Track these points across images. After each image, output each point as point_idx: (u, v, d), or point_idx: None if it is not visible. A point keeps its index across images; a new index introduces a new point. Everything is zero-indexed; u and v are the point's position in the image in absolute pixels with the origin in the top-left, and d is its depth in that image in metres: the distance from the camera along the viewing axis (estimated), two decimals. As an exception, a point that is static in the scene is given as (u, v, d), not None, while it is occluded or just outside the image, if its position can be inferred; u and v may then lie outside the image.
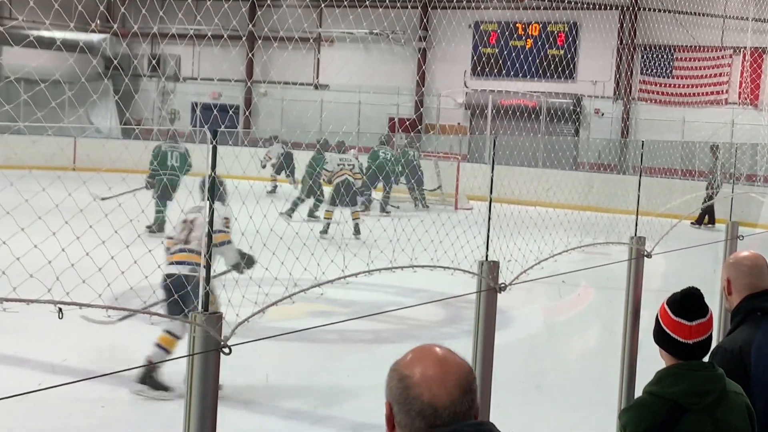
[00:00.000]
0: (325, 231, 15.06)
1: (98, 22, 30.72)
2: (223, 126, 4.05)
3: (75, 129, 26.16)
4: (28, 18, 6.74)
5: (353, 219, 15.48)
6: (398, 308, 9.80)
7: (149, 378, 7.10)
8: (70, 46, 26.63)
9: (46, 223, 3.97)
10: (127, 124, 27.59)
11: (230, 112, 29.38)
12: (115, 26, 30.50)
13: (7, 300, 3.66)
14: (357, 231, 14.88)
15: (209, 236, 3.53)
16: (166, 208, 14.13)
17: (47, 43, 12.07)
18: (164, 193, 15.03)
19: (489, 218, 4.63)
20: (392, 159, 21.14)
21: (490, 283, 4.56)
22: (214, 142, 4.24)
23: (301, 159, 19.38)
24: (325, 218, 15.79)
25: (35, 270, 3.73)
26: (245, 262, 7.08)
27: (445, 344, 2.15)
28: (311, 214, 17.27)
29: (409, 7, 27.96)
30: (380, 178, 20.67)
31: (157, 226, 14.26)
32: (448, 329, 10.22)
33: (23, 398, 4.30)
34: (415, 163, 21.89)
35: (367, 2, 9.73)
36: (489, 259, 4.65)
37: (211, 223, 3.63)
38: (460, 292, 5.50)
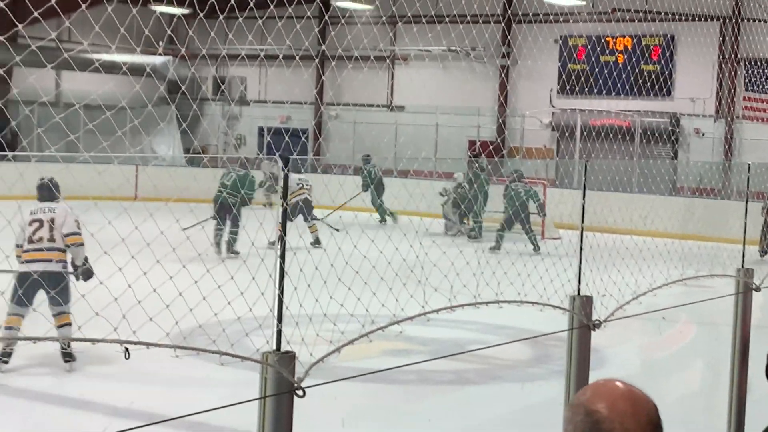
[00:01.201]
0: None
1: (161, 44, 31.41)
2: (295, 153, 4.10)
3: (137, 157, 26.71)
4: (89, 42, 6.92)
5: (311, 232, 17.60)
6: (482, 347, 9.76)
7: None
8: (132, 70, 27.10)
9: (112, 258, 4.07)
10: (192, 151, 28.04)
11: (301, 137, 29.74)
12: (182, 49, 31.10)
13: (73, 339, 3.76)
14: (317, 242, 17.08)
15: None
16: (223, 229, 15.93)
17: (108, 68, 12.34)
18: (219, 212, 16.56)
19: (581, 249, 4.61)
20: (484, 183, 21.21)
21: (583, 319, 4.53)
22: (286, 171, 4.31)
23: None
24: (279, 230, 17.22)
25: (101, 308, 3.82)
26: (83, 272, 8.50)
27: (534, 386, 2.17)
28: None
29: (491, 22, 28.00)
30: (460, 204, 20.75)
31: (225, 246, 15.82)
32: (537, 370, 10.14)
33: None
34: (486, 188, 21.87)
35: (446, 18, 9.75)
36: (581, 293, 4.62)
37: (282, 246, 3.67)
38: (549, 330, 5.45)
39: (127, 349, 3.85)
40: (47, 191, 9.29)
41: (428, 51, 30.76)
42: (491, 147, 27.06)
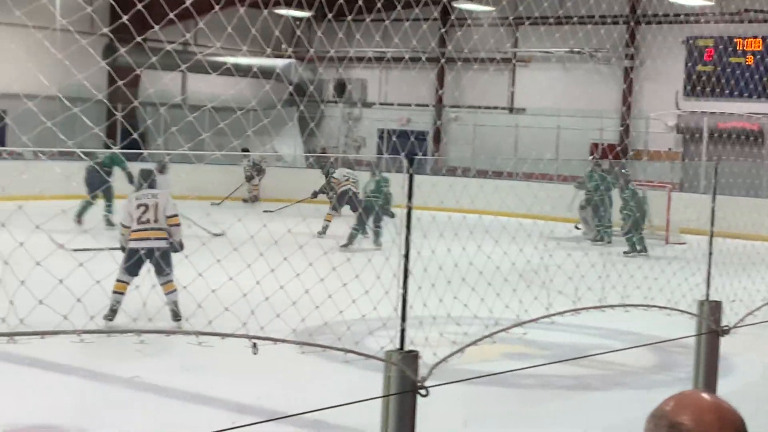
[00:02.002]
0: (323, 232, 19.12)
1: (283, 47, 31.89)
2: (421, 153, 4.13)
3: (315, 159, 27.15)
4: (212, 45, 7.09)
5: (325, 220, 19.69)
6: (604, 352, 9.62)
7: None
8: (254, 73, 27.55)
9: (241, 255, 4.17)
10: (313, 152, 28.39)
11: (425, 139, 29.83)
12: (310, 51, 31.56)
13: (203, 333, 3.88)
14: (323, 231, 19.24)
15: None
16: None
17: (231, 70, 12.62)
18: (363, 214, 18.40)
19: (710, 253, 4.53)
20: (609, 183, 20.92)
21: (712, 325, 4.46)
22: (410, 171, 4.36)
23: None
24: (326, 220, 19.82)
25: (230, 303, 3.92)
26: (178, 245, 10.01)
27: (659, 393, 2.15)
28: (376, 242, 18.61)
29: (611, 22, 27.63)
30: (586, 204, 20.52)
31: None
32: (660, 376, 9.96)
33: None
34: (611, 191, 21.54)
35: (570, 19, 9.65)
36: (710, 298, 4.55)
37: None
38: (673, 336, 5.35)
39: (255, 344, 3.95)
40: (149, 180, 10.86)
41: (550, 52, 30.49)
42: (618, 149, 26.63)
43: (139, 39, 3.99)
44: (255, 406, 7.59)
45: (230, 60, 14.45)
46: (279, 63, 29.39)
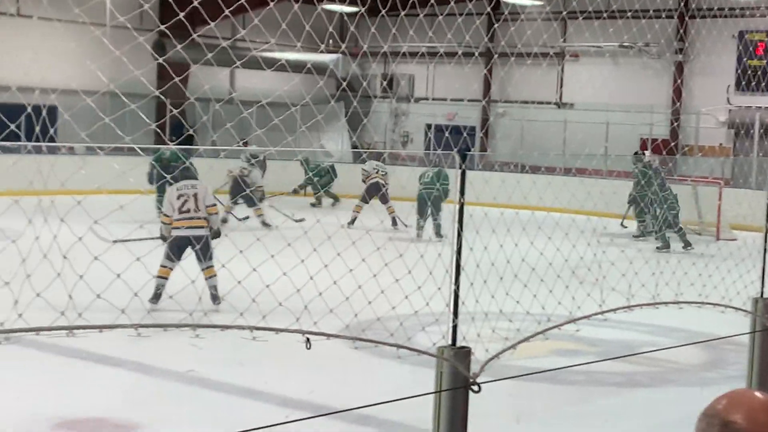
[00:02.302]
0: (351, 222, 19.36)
1: (330, 42, 31.96)
2: (473, 149, 4.14)
3: (306, 154, 27.24)
4: (260, 40, 7.12)
5: (389, 214, 20.07)
6: (654, 349, 9.56)
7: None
8: (301, 68, 27.67)
9: (295, 250, 4.21)
10: (358, 147, 28.45)
11: (471, 134, 29.69)
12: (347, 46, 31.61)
13: (257, 328, 3.92)
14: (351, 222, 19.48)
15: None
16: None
17: (278, 65, 12.67)
18: (422, 207, 18.85)
19: (765, 250, 4.49)
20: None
21: (766, 322, 4.42)
22: (463, 166, 4.37)
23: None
24: (354, 212, 20.15)
25: (284, 298, 3.95)
26: (215, 233, 10.94)
27: (710, 391, 2.14)
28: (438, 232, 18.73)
29: (664, 16, 27.37)
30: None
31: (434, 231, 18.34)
32: (711, 374, 9.88)
33: (281, 429, 4.54)
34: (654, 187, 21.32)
35: (621, 13, 9.58)
36: (765, 296, 4.51)
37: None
38: (726, 333, 5.31)
39: (308, 339, 3.99)
40: (189, 171, 11.70)
41: (598, 46, 30.28)
42: (673, 145, 26.38)
43: (195, 36, 4.04)
44: (306, 401, 7.64)
45: (279, 55, 14.50)
46: (327, 58, 29.47)
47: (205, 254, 10.75)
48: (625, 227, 21.10)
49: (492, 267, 4.61)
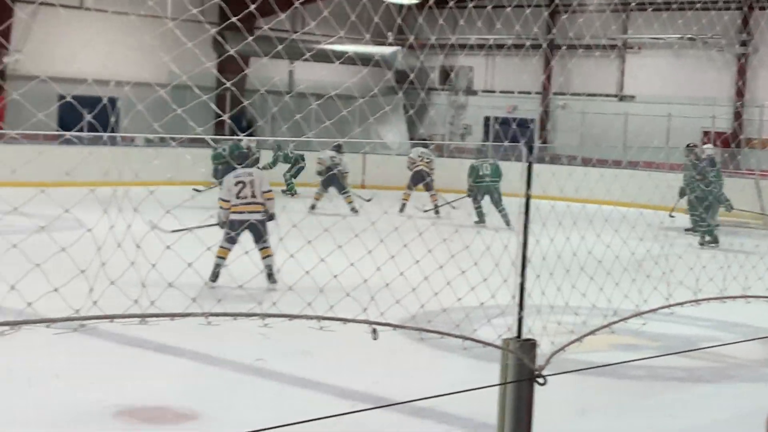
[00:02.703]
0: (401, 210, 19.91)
1: (390, 34, 31.96)
2: (537, 142, 4.16)
3: (363, 144, 27.34)
4: (321, 32, 7.17)
5: (432, 202, 20.58)
6: (716, 344, 9.47)
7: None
8: (362, 60, 27.82)
9: (362, 241, 4.24)
10: (419, 139, 28.42)
11: (528, 127, 29.61)
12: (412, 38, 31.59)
13: (325, 318, 3.97)
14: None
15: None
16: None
17: (339, 57, 12.72)
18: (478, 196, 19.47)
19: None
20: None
21: (838, 318, 4.38)
22: (530, 160, 4.38)
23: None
24: (403, 200, 20.68)
25: (351, 289, 4.00)
26: (270, 217, 11.77)
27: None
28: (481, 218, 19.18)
29: (728, 8, 27.03)
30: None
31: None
32: (774, 371, 9.77)
33: (326, 422, 4.59)
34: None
35: (681, 4, 9.47)
36: (836, 291, 4.46)
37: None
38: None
39: (375, 329, 4.02)
40: (246, 159, 12.63)
41: (661, 39, 29.97)
42: (736, 139, 26.03)
43: (267, 28, 4.07)
44: (370, 392, 7.68)
45: (339, 48, 14.65)
46: (385, 51, 29.50)
47: (261, 236, 11.47)
48: (673, 217, 20.75)
49: (558, 260, 4.62)
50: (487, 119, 33.90)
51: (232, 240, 11.57)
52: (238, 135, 22.10)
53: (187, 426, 6.91)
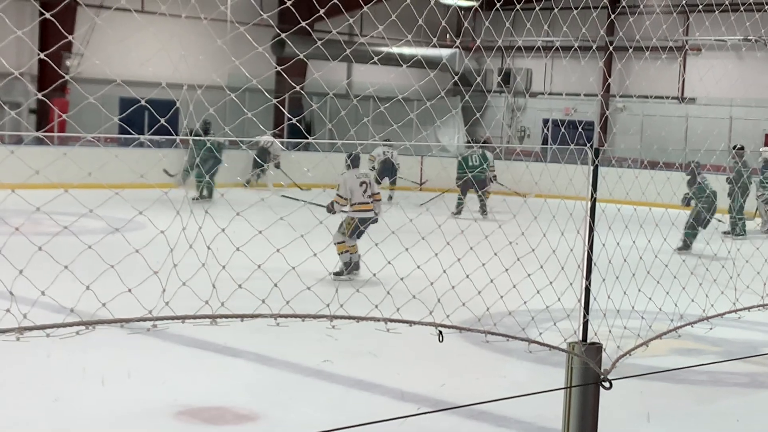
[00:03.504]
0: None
1: (447, 37, 31.95)
2: (588, 143, 4.15)
3: (421, 148, 27.36)
4: (377, 35, 7.19)
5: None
6: (779, 350, 9.35)
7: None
8: (419, 63, 27.86)
9: (428, 243, 4.27)
10: (476, 142, 28.38)
11: (583, 129, 29.35)
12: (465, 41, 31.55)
13: (392, 320, 3.99)
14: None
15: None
16: None
17: (395, 60, 12.72)
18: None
19: None
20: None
21: None
22: (596, 162, 4.37)
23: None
24: (459, 199, 21.24)
25: (417, 291, 4.02)
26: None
27: None
28: None
29: (791, 8, 26.61)
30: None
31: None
32: (839, 377, 9.61)
33: (402, 422, 4.62)
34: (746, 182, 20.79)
35: (744, 5, 9.37)
36: None
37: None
38: None
39: (441, 332, 4.04)
40: (359, 161, 13.42)
41: (722, 41, 29.62)
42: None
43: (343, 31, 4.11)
44: (433, 395, 7.69)
45: (396, 50, 14.78)
46: (444, 53, 29.50)
47: (362, 233, 12.61)
48: (721, 221, 20.47)
49: (624, 263, 4.61)
50: (546, 122, 33.75)
51: (358, 236, 12.67)
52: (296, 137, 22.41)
53: (246, 427, 6.97)
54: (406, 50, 26.90)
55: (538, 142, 32.86)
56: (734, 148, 20.45)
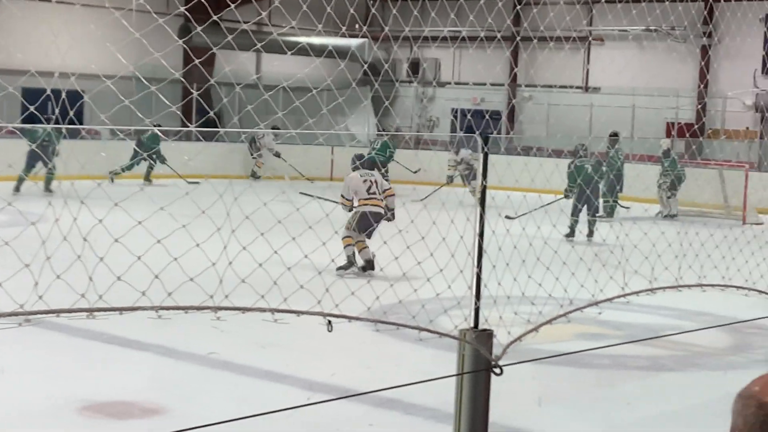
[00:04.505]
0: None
1: (356, 26, 31.85)
2: (495, 133, 4.12)
3: (331, 138, 27.24)
4: (285, 24, 7.09)
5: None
6: (679, 332, 9.49)
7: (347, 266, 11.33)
8: (329, 53, 27.65)
9: (316, 233, 4.17)
10: (385, 131, 28.35)
11: (490, 118, 29.60)
12: (384, 30, 31.48)
13: (278, 311, 3.89)
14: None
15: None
16: None
17: (303, 50, 12.59)
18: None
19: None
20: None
21: (793, 306, 4.36)
22: (486, 149, 4.32)
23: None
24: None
25: (306, 281, 3.93)
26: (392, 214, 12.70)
27: (735, 375, 2.10)
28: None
29: (693, 0, 27.14)
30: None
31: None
32: (736, 358, 9.80)
33: (290, 413, 4.54)
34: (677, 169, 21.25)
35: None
36: (791, 279, 4.45)
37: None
38: (750, 316, 5.25)
39: (330, 322, 3.96)
40: (369, 162, 13.90)
41: (624, 31, 30.05)
42: (697, 128, 26.17)
43: (213, 18, 3.99)
44: (328, 384, 7.64)
45: (303, 40, 14.61)
46: (353, 42, 29.38)
47: (373, 230, 12.56)
48: (628, 208, 20.80)
49: (514, 250, 4.58)
50: (454, 111, 33.89)
51: (358, 231, 12.51)
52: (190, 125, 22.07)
53: (152, 421, 6.82)
54: (316, 40, 26.74)
55: (447, 131, 33.00)
56: (611, 135, 20.86)
